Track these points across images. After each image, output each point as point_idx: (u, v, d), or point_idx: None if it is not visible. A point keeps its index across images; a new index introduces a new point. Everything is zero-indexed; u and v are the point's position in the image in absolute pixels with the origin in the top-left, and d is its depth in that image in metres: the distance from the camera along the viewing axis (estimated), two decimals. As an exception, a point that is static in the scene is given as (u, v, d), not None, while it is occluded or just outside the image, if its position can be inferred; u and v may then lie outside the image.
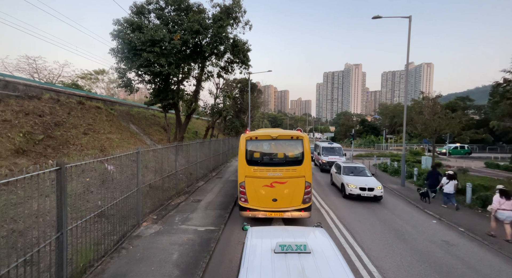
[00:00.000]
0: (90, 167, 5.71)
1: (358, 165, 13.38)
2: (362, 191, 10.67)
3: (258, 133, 7.87)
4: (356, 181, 11.22)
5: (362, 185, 10.83)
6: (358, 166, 13.08)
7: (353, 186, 10.87)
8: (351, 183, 11.05)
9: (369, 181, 11.28)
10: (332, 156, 18.93)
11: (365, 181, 11.26)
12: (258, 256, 2.80)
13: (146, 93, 17.27)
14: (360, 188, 10.74)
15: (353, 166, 12.99)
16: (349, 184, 11.07)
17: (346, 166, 12.97)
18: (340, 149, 19.93)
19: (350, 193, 10.91)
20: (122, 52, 13.25)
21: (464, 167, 21.18)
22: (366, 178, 11.66)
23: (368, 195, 10.63)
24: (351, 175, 12.06)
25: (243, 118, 32.82)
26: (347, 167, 12.85)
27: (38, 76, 23.95)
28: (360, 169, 12.64)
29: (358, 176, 11.90)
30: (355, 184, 10.92)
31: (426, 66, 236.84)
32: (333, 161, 17.80)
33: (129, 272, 4.92)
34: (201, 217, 8.09)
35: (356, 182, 11.08)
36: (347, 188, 11.07)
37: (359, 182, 11.13)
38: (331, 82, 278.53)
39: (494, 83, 20.12)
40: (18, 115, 9.16)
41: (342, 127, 71.96)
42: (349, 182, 11.15)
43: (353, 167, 12.93)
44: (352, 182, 11.12)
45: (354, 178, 11.70)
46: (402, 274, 5.39)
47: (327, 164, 18.33)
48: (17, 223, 4.72)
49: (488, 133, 38.06)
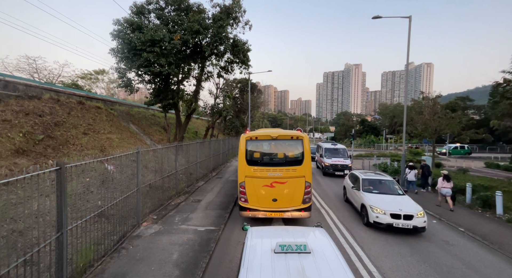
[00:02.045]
0: (90, 167, 5.72)
1: (384, 177, 9.79)
2: (395, 220, 7.37)
3: (258, 133, 7.87)
4: (384, 203, 7.92)
5: (394, 210, 7.50)
6: (385, 179, 9.56)
7: (380, 211, 7.60)
8: (377, 206, 7.77)
9: (404, 202, 8.00)
10: (336, 158, 17.21)
11: (397, 202, 7.98)
12: (258, 256, 2.81)
13: (146, 93, 17.28)
14: (392, 215, 7.44)
15: (378, 179, 9.48)
16: (374, 208, 7.78)
17: (367, 179, 9.51)
18: (344, 150, 18.20)
19: (376, 222, 7.60)
20: (122, 52, 13.26)
21: (464, 167, 21.19)
22: (398, 198, 8.36)
23: (405, 225, 7.23)
24: (374, 192, 8.80)
25: (243, 118, 32.81)
26: (369, 180, 9.44)
27: (38, 76, 23.95)
28: (388, 183, 9.30)
29: (385, 194, 8.65)
30: (384, 208, 7.63)
31: (426, 66, 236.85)
32: (337, 163, 16.54)
33: (129, 272, 4.92)
34: (201, 217, 8.09)
35: (385, 205, 7.81)
36: (371, 213, 7.77)
37: (389, 204, 7.84)
38: (331, 82, 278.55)
39: (494, 83, 20.09)
40: (18, 115, 9.17)
41: (342, 127, 72.03)
42: (374, 205, 7.87)
43: (377, 180, 9.45)
44: (379, 204, 7.84)
45: (380, 197, 8.40)
46: (402, 274, 5.38)
47: (330, 167, 16.64)
48: (17, 223, 4.72)
49: (488, 133, 38.02)
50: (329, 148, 18.32)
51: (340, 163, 16.56)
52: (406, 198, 8.43)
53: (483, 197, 10.04)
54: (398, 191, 8.93)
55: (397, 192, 8.89)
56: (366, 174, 10.23)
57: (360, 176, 9.83)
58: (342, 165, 16.50)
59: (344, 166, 16.45)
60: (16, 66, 22.72)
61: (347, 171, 15.66)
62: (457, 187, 11.27)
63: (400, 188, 9.18)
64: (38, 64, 23.80)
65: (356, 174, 10.32)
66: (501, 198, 9.27)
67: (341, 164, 16.56)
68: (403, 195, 8.68)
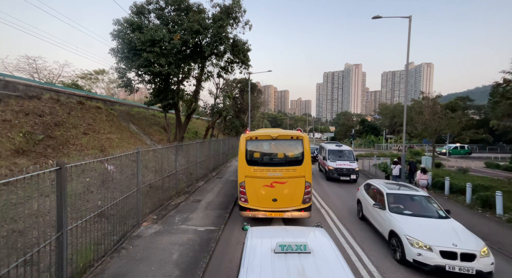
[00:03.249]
0: (90, 167, 5.72)
1: (415, 191, 7.35)
2: (448, 260, 5.00)
3: (258, 133, 7.87)
4: (426, 232, 5.54)
5: (445, 245, 5.13)
6: (417, 194, 7.12)
7: (424, 245, 5.21)
8: (417, 238, 5.37)
9: (455, 232, 5.56)
10: (341, 161, 15.30)
11: (445, 231, 5.63)
12: (258, 256, 2.81)
13: (146, 93, 17.28)
14: (443, 252, 5.07)
15: (408, 195, 7.06)
16: (413, 240, 5.38)
17: (393, 194, 7.06)
18: (350, 152, 16.29)
19: (417, 261, 5.21)
20: (122, 52, 13.26)
21: (464, 167, 21.19)
22: (443, 224, 5.98)
23: (464, 269, 4.91)
24: (406, 214, 6.34)
25: (243, 118, 32.81)
26: (395, 196, 7.01)
27: (38, 76, 23.96)
28: (422, 200, 6.90)
29: (423, 217, 6.20)
30: (428, 241, 5.26)
31: (426, 66, 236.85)
32: (342, 167, 14.74)
33: (129, 272, 4.92)
34: (201, 217, 8.09)
35: (429, 235, 5.43)
36: (409, 247, 5.35)
37: (434, 234, 5.49)
38: (331, 82, 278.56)
39: (494, 84, 20.10)
40: (18, 115, 9.17)
41: (342, 127, 72.11)
42: (413, 235, 5.46)
43: (407, 196, 7.03)
44: (420, 235, 5.45)
45: (417, 222, 5.98)
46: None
47: (335, 171, 14.81)
48: (17, 223, 4.72)
49: (488, 134, 38.03)
50: (333, 150, 16.39)
51: (345, 167, 14.78)
52: (455, 224, 5.96)
53: (483, 197, 10.04)
54: (439, 212, 6.32)
55: (437, 214, 6.31)
56: (388, 185, 7.81)
57: (383, 189, 7.36)
58: (348, 169, 14.72)
59: (351, 170, 14.71)
60: (16, 66, 22.75)
61: (353, 176, 14.61)
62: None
63: (440, 206, 6.73)
64: (38, 64, 23.83)
65: (376, 185, 7.95)
66: (501, 198, 9.26)
67: (347, 167, 14.77)
68: (448, 219, 6.23)
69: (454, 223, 6.05)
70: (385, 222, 6.50)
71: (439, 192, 12.61)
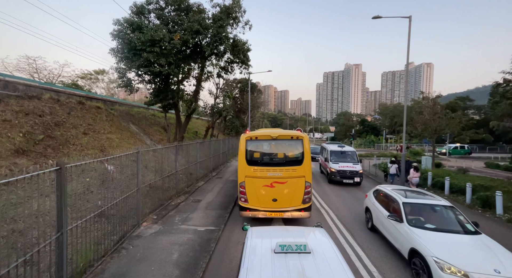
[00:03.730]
0: (90, 167, 5.72)
1: (437, 200, 6.26)
2: None
3: (258, 133, 7.87)
4: (457, 253, 4.55)
5: (485, 271, 4.12)
6: (440, 203, 6.03)
7: (457, 271, 4.18)
8: (448, 261, 4.34)
9: (492, 252, 4.61)
10: (344, 163, 14.58)
11: (480, 251, 4.67)
12: (258, 256, 2.81)
13: (146, 93, 17.31)
14: None
15: (429, 205, 6.01)
16: (443, 263, 4.34)
17: (411, 203, 5.99)
18: (353, 153, 15.45)
19: None
20: (122, 52, 13.27)
21: (464, 167, 21.17)
22: (476, 241, 4.96)
23: None
24: (429, 228, 5.26)
25: (243, 118, 32.81)
26: (413, 205, 5.97)
27: (38, 76, 23.95)
28: (446, 212, 5.87)
29: (449, 233, 5.12)
30: (463, 266, 4.22)
31: (426, 66, 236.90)
32: (345, 169, 14.03)
33: (129, 272, 4.92)
34: (201, 217, 8.09)
35: (461, 256, 4.44)
36: (438, 273, 4.30)
37: (468, 255, 4.53)
38: (331, 82, 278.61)
39: (494, 84, 20.18)
40: (18, 115, 9.17)
41: (342, 127, 72.12)
42: (443, 257, 4.44)
43: (428, 206, 6.00)
44: (451, 257, 4.43)
45: (444, 239, 4.91)
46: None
47: (337, 173, 14.02)
48: (17, 223, 4.72)
49: (488, 133, 38.10)
50: (336, 151, 15.52)
51: (349, 169, 14.03)
52: (490, 242, 4.92)
53: (483, 197, 10.04)
54: (466, 226, 5.28)
55: (465, 228, 5.23)
56: (402, 192, 6.68)
57: (398, 197, 6.29)
58: (351, 171, 13.96)
59: (354, 172, 13.93)
60: (16, 66, 22.75)
61: (357, 179, 13.84)
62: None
63: (466, 218, 5.70)
64: (38, 64, 23.82)
65: (388, 192, 6.95)
66: (501, 198, 9.26)
67: (351, 170, 14.02)
68: (479, 234, 5.13)
69: (488, 240, 4.97)
70: (403, 238, 5.47)
71: (439, 192, 12.60)
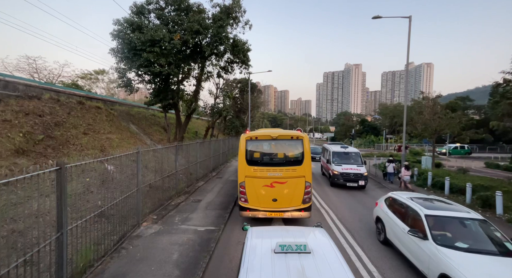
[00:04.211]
0: (90, 167, 5.71)
1: (466, 212, 5.29)
2: None
3: (258, 133, 7.87)
4: None
5: None
6: (467, 216, 5.14)
7: None
8: None
9: None
10: (347, 164, 13.68)
11: None
12: (258, 256, 2.81)
13: (146, 93, 17.32)
14: None
15: (457, 218, 5.12)
16: None
17: (436, 216, 5.17)
18: (357, 155, 14.50)
19: None
20: (122, 52, 13.28)
21: (464, 167, 21.18)
22: None
23: None
24: (462, 248, 4.44)
25: (243, 118, 32.80)
26: (436, 218, 5.14)
27: (38, 76, 23.96)
28: (477, 226, 5.00)
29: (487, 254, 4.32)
30: None
31: (426, 66, 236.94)
32: (349, 172, 13.12)
33: (129, 272, 4.92)
34: (201, 217, 8.09)
35: None
36: None
37: None
38: (331, 82, 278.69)
39: (494, 84, 20.16)
40: (18, 115, 9.16)
41: (342, 127, 72.15)
42: None
43: (455, 219, 5.12)
44: None
45: (482, 262, 4.09)
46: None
47: (340, 176, 13.15)
48: (17, 223, 4.72)
49: (488, 133, 38.11)
50: (338, 152, 14.60)
51: (353, 171, 13.14)
52: None
53: (483, 197, 10.04)
54: (505, 245, 4.52)
55: (504, 248, 4.47)
56: (421, 202, 5.84)
57: (419, 208, 5.43)
58: (355, 174, 13.05)
59: (359, 175, 13.04)
60: (16, 66, 22.77)
61: (362, 182, 13.00)
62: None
63: (504, 235, 4.79)
64: (38, 64, 23.84)
65: (404, 201, 6.07)
66: (501, 198, 9.26)
67: (354, 172, 13.11)
68: None
69: None
70: (429, 259, 4.60)
71: (439, 192, 12.61)
